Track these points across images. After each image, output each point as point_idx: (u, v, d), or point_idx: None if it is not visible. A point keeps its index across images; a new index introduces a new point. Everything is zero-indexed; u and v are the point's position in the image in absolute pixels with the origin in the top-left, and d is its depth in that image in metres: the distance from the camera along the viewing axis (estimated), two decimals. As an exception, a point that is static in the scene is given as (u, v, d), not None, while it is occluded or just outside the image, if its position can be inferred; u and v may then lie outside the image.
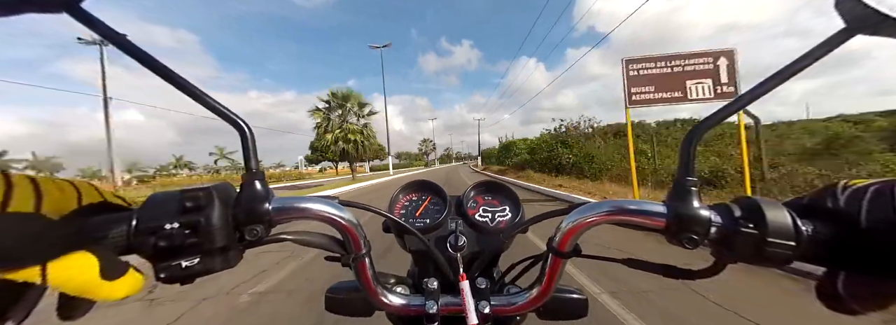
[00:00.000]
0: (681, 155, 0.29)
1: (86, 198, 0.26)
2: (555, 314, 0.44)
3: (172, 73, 0.27)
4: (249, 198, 0.29)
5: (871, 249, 0.24)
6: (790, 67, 0.26)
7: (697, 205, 0.28)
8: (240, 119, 0.29)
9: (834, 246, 0.26)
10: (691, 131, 0.29)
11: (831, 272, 0.27)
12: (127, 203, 0.30)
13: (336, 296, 0.47)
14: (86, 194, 0.26)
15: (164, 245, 0.25)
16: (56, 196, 0.24)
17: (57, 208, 0.23)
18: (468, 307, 0.37)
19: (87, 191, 0.26)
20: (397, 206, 0.52)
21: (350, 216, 0.33)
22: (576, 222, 0.33)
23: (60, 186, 0.25)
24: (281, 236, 0.32)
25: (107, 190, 0.29)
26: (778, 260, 0.26)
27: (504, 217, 0.50)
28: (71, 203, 0.25)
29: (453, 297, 0.40)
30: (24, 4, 0.22)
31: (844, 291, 0.25)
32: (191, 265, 0.26)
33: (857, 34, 0.23)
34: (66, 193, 0.25)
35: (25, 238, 0.20)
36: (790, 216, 0.26)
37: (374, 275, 0.38)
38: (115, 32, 0.25)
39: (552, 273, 0.37)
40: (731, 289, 2.21)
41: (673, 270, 0.33)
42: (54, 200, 0.23)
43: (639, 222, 0.30)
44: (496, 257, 0.48)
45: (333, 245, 0.35)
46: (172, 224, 0.26)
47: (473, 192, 0.52)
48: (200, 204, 0.27)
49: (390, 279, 0.45)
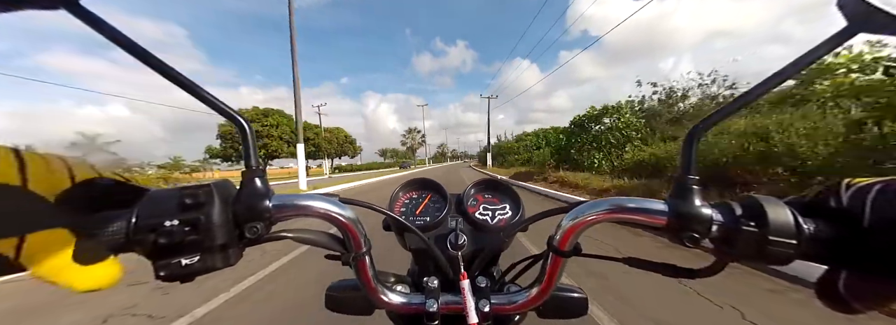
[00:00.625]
0: (682, 154, 0.29)
1: (79, 175, 0.25)
2: (555, 313, 0.44)
3: (171, 69, 0.26)
4: (250, 195, 0.29)
5: (873, 248, 0.24)
6: (792, 66, 0.26)
7: (699, 203, 0.28)
8: (239, 116, 0.29)
9: (836, 245, 0.26)
10: (692, 130, 0.29)
11: (832, 270, 0.27)
12: (125, 179, 0.28)
13: (336, 294, 0.47)
14: (78, 171, 0.25)
15: (163, 242, 0.25)
16: (42, 171, 0.22)
17: (46, 184, 0.22)
18: (468, 306, 0.37)
19: (79, 167, 0.25)
20: (397, 204, 0.52)
21: (350, 214, 0.33)
22: (576, 220, 0.32)
23: (47, 159, 0.23)
24: (281, 234, 0.32)
25: (102, 167, 0.27)
26: (779, 259, 0.26)
27: (504, 215, 0.49)
28: (62, 180, 0.23)
29: (453, 295, 0.40)
30: (23, 1, 0.22)
31: (845, 290, 0.25)
32: (191, 263, 0.26)
33: (860, 33, 0.23)
34: (54, 168, 0.23)
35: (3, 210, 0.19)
36: (792, 214, 0.26)
37: (374, 274, 0.38)
38: (113, 29, 0.25)
39: (552, 272, 0.36)
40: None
41: (673, 269, 0.33)
42: (40, 174, 0.22)
43: (640, 220, 0.30)
44: (496, 256, 0.48)
45: (333, 243, 0.35)
46: (172, 221, 0.25)
47: (474, 190, 0.52)
48: (200, 201, 0.26)
49: (390, 278, 0.45)
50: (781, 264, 0.27)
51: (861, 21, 0.23)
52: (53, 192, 0.23)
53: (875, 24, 0.22)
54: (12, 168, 0.21)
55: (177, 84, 0.27)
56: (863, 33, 0.23)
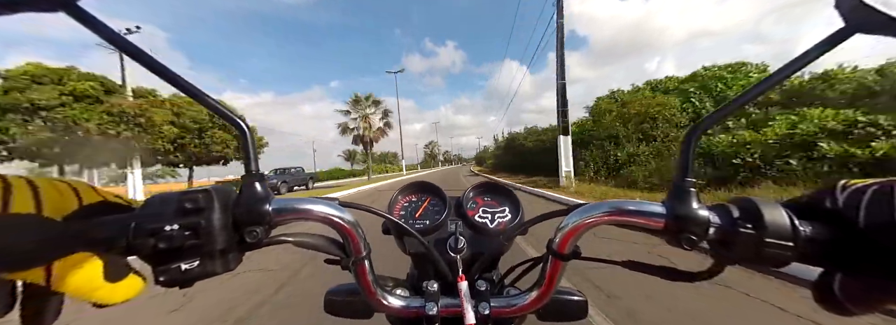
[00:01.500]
0: (680, 156, 0.29)
1: (85, 199, 0.26)
2: (555, 316, 0.44)
3: (172, 73, 0.26)
4: (249, 199, 0.29)
5: (868, 250, 0.24)
6: (788, 66, 0.26)
7: (696, 205, 0.28)
8: (239, 119, 0.29)
9: (831, 247, 0.26)
10: (690, 132, 0.29)
11: (828, 272, 0.27)
12: (126, 202, 0.29)
13: (335, 298, 0.47)
14: (84, 195, 0.26)
15: (163, 247, 0.25)
16: (55, 197, 0.23)
17: (57, 209, 0.23)
18: (466, 309, 0.37)
19: (85, 191, 0.26)
20: (397, 207, 0.52)
21: (350, 218, 0.33)
22: (575, 223, 0.33)
23: (58, 187, 0.24)
24: (281, 238, 0.31)
25: (105, 190, 0.29)
26: (776, 261, 0.26)
27: (504, 218, 0.49)
28: (71, 204, 0.24)
29: (453, 299, 0.40)
30: (21, 4, 0.22)
31: (840, 292, 0.25)
32: (190, 268, 0.26)
33: (857, 33, 0.23)
34: (65, 194, 0.24)
35: (29, 239, 0.20)
36: (788, 217, 0.26)
37: (373, 278, 0.38)
38: (112, 31, 0.25)
39: (552, 275, 0.37)
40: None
41: (672, 272, 0.33)
42: (53, 201, 0.23)
43: (638, 222, 0.30)
44: (496, 259, 0.48)
45: (333, 247, 0.35)
46: (172, 226, 0.25)
47: (473, 193, 0.52)
48: (200, 206, 0.26)
49: (389, 282, 0.44)
50: (778, 267, 0.27)
51: (858, 22, 0.23)
52: (64, 215, 0.24)
53: (872, 25, 0.22)
54: (27, 197, 0.22)
55: (176, 86, 0.27)
56: (860, 34, 0.23)
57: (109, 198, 0.28)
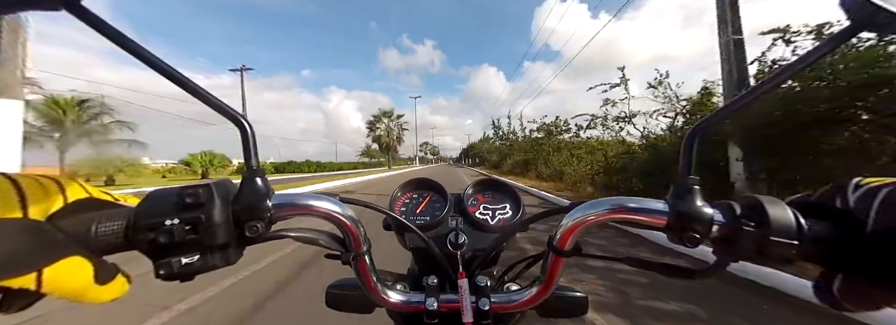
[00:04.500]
0: (682, 154, 0.29)
1: (71, 195, 0.25)
2: (555, 312, 0.44)
3: (173, 70, 0.27)
4: (250, 194, 0.29)
5: (873, 253, 0.23)
6: (792, 66, 0.25)
7: (699, 203, 0.28)
8: (240, 116, 0.29)
9: (836, 247, 0.25)
10: (692, 130, 0.29)
11: (830, 271, 0.26)
12: (115, 199, 0.29)
13: (336, 292, 0.47)
14: (71, 192, 0.25)
15: (163, 241, 0.25)
16: (39, 195, 0.23)
17: (42, 208, 0.23)
18: (465, 304, 0.37)
19: (71, 188, 0.25)
20: (398, 203, 0.52)
21: (351, 213, 0.33)
22: (576, 220, 0.32)
23: (42, 183, 0.24)
24: (281, 233, 0.32)
25: (92, 187, 0.28)
26: (779, 259, 0.26)
27: (504, 215, 0.50)
28: (56, 202, 0.24)
29: (453, 294, 0.40)
30: (23, 2, 0.22)
31: (839, 292, 0.25)
32: (190, 262, 0.26)
33: (862, 32, 0.23)
34: (50, 191, 0.24)
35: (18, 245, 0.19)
36: (793, 215, 0.26)
37: (374, 273, 0.38)
38: (114, 30, 0.25)
39: (552, 272, 0.37)
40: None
41: (673, 269, 0.33)
42: (38, 199, 0.22)
43: (640, 220, 0.30)
44: (496, 256, 0.48)
45: (333, 243, 0.35)
46: (172, 220, 0.25)
47: (474, 190, 0.52)
48: (200, 200, 0.26)
49: (390, 277, 0.45)
50: (782, 265, 0.27)
51: (863, 20, 0.22)
52: (49, 213, 0.23)
53: (877, 23, 0.22)
54: (12, 199, 0.21)
55: (177, 84, 0.27)
56: (865, 32, 0.23)
57: (96, 194, 0.27)
